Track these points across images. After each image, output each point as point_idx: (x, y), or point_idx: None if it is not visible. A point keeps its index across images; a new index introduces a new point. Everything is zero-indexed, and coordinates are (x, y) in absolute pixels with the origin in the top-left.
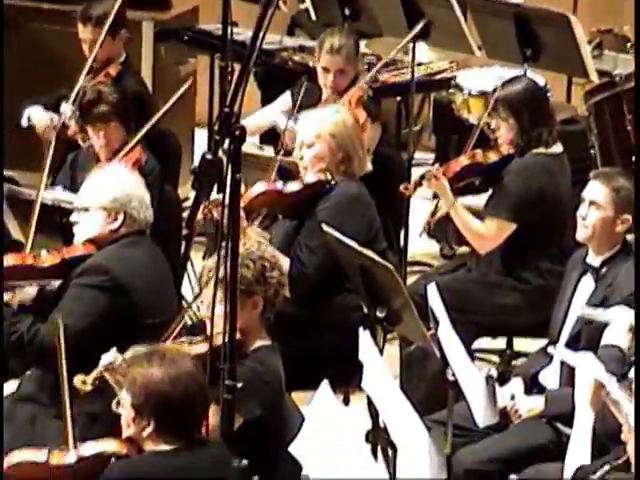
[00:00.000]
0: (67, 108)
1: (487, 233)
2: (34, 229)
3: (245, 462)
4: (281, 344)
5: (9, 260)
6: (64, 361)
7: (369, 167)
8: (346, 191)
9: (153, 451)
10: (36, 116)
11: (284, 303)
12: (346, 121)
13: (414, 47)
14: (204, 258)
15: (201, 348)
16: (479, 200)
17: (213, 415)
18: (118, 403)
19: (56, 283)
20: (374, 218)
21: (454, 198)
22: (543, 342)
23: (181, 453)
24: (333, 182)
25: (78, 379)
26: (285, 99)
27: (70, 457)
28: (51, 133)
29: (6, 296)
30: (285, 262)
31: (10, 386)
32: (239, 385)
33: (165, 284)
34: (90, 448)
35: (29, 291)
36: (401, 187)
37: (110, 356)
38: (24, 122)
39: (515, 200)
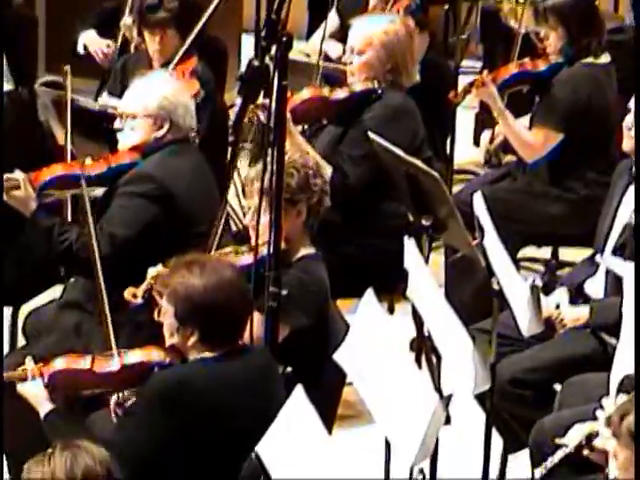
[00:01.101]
0: (128, 20)
1: (534, 142)
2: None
3: (290, 369)
4: (325, 253)
5: (55, 169)
6: (99, 266)
7: (417, 79)
8: (392, 101)
9: (197, 359)
10: (91, 43)
11: (328, 211)
12: (399, 32)
13: None
14: (250, 165)
15: (247, 258)
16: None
17: (258, 324)
18: (160, 312)
19: (100, 191)
20: (419, 128)
21: (503, 106)
22: (589, 252)
23: (225, 360)
24: (379, 91)
25: (129, 292)
26: (332, 18)
27: (113, 365)
28: (108, 59)
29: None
30: (328, 170)
31: (54, 291)
32: (284, 292)
33: (210, 192)
34: (134, 356)
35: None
36: (450, 95)
37: (157, 268)
38: (80, 49)
39: (563, 109)
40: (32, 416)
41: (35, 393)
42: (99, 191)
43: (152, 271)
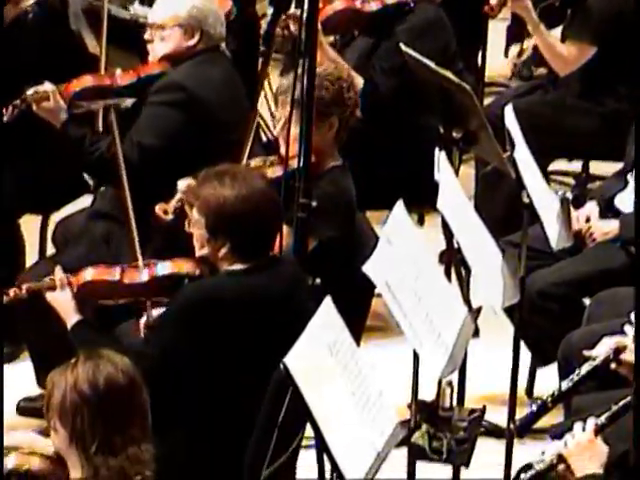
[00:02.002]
0: None
1: (568, 56)
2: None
3: (318, 281)
4: (356, 164)
5: (86, 80)
6: (125, 177)
7: None
8: (424, 14)
9: (227, 271)
10: None
11: (359, 123)
12: None
13: None
14: (281, 76)
15: (276, 169)
16: None
17: (287, 236)
18: (190, 224)
19: (130, 101)
20: (451, 41)
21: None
22: (619, 166)
23: (255, 272)
24: (412, 4)
25: (160, 208)
26: None
27: (143, 276)
28: None
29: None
30: (359, 82)
31: (84, 201)
32: (313, 204)
33: (240, 101)
34: (163, 268)
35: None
36: (485, 8)
37: (187, 182)
38: None
39: (596, 22)
40: (59, 326)
41: (64, 303)
42: (129, 102)
43: (182, 185)
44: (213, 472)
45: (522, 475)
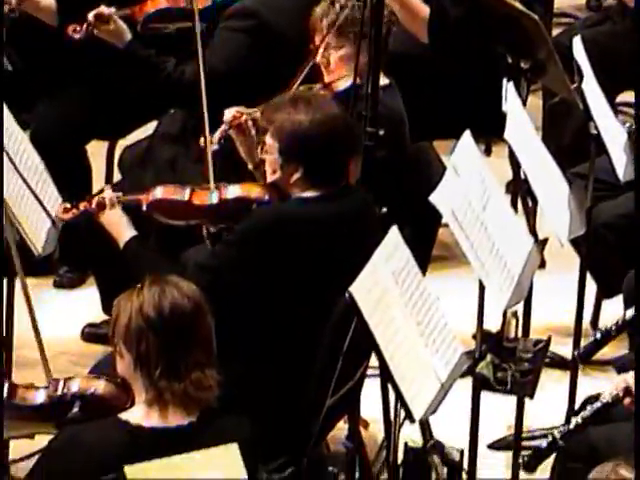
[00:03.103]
0: None
1: None
2: None
3: (385, 210)
4: (423, 93)
5: (160, 1)
6: (205, 100)
7: None
8: None
9: (298, 197)
10: None
11: (427, 51)
12: None
13: None
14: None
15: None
16: None
17: (355, 165)
18: (263, 148)
19: (202, 25)
20: None
21: None
22: None
23: (326, 200)
24: None
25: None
26: None
27: (213, 198)
28: None
29: None
30: (425, 10)
31: (151, 127)
32: (381, 132)
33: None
34: (233, 191)
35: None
36: None
37: (233, 111)
38: None
39: None
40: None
41: (116, 221)
42: (201, 26)
43: (228, 114)
44: (274, 400)
45: (587, 407)
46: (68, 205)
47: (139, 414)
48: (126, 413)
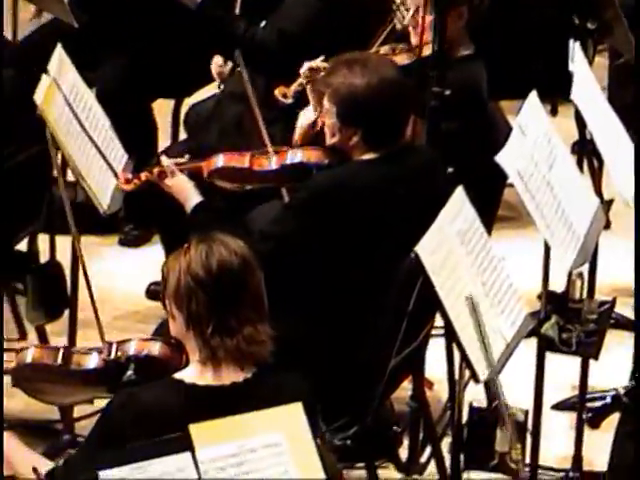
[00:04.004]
0: None
1: None
2: None
3: (451, 170)
4: (490, 53)
5: None
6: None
7: None
8: None
9: (358, 160)
10: None
11: (489, 13)
12: None
13: None
14: None
15: (404, 58)
16: None
17: (420, 125)
18: (322, 111)
19: None
20: None
21: None
22: None
23: (387, 161)
24: None
25: (279, 91)
26: None
27: (272, 163)
28: None
29: None
30: None
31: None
32: (447, 92)
33: None
34: (293, 156)
35: None
36: None
37: (314, 63)
38: None
39: None
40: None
41: (181, 188)
42: None
43: (305, 69)
44: (337, 360)
45: None
46: (130, 176)
47: (193, 373)
48: (180, 373)
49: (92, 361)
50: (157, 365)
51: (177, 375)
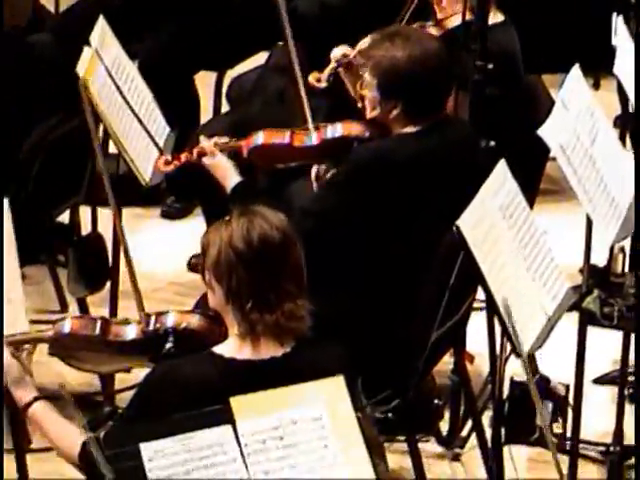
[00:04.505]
0: None
1: None
2: None
3: (493, 143)
4: (532, 27)
5: None
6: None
7: None
8: None
9: (399, 133)
10: None
11: None
12: None
13: None
14: None
15: (433, 32)
16: None
17: (461, 98)
18: (362, 85)
19: None
20: None
21: None
22: None
23: (428, 134)
24: None
25: (313, 77)
26: None
27: (313, 139)
28: None
29: None
30: None
31: (259, 58)
32: (490, 66)
33: None
34: (333, 130)
35: None
36: None
37: (341, 49)
38: None
39: None
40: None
41: (220, 167)
42: None
43: (337, 53)
44: (378, 333)
45: None
46: (169, 157)
47: (232, 347)
48: (219, 346)
49: (130, 332)
50: (195, 337)
51: (216, 349)
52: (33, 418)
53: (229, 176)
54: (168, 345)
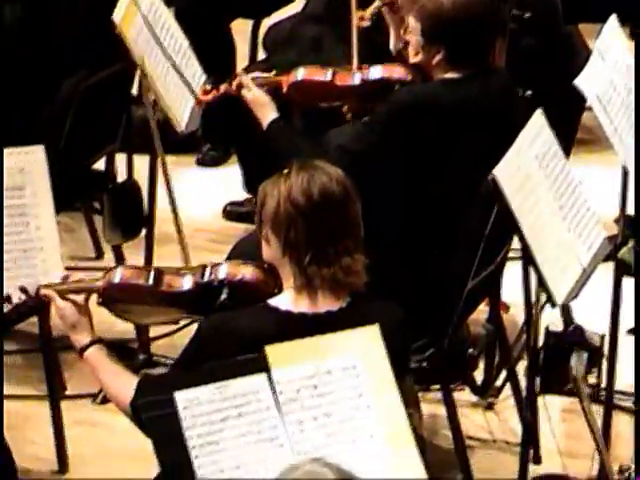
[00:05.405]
0: None
1: None
2: None
3: (530, 92)
4: None
5: None
6: None
7: None
8: None
9: (441, 78)
10: None
11: None
12: None
13: None
14: None
15: None
16: None
17: (500, 48)
18: (406, 29)
19: None
20: None
21: None
22: None
23: (469, 81)
24: None
25: (357, 15)
26: None
27: (355, 79)
28: None
29: None
30: None
31: (296, 6)
32: (526, 15)
33: None
34: (376, 72)
35: None
36: None
37: None
38: None
39: None
40: None
41: (258, 102)
42: None
43: None
44: (414, 282)
45: None
46: (208, 87)
47: (288, 300)
48: (275, 299)
49: (185, 283)
50: (250, 289)
51: (271, 301)
52: (88, 361)
53: (267, 111)
54: (223, 297)
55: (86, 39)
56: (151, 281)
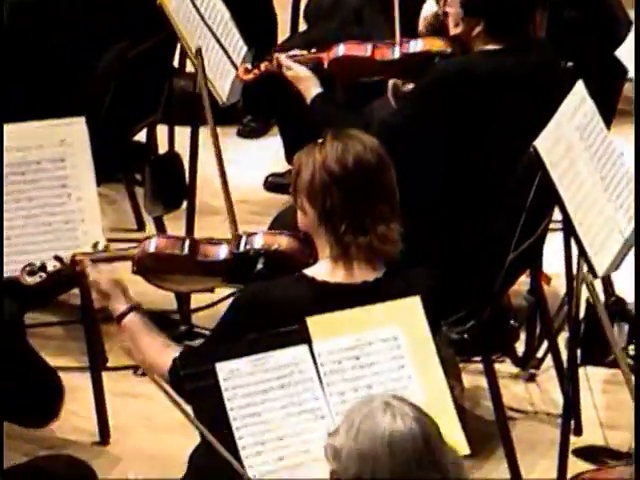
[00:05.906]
0: None
1: None
2: None
3: (571, 64)
4: None
5: None
6: None
7: None
8: None
9: (481, 50)
10: None
11: None
12: None
13: None
14: None
15: None
16: None
17: (540, 19)
18: (446, 1)
19: None
20: None
21: None
22: None
23: (509, 53)
24: None
25: None
26: None
27: (395, 53)
28: None
29: None
30: None
31: None
32: None
33: None
34: (416, 46)
35: None
36: None
37: None
38: None
39: None
40: None
41: (301, 78)
42: None
43: None
44: (455, 253)
45: None
46: (249, 66)
47: (325, 270)
48: (311, 269)
49: (221, 253)
50: (286, 259)
51: (307, 271)
52: (126, 329)
53: (310, 86)
54: (259, 266)
55: (127, 10)
56: (186, 251)
